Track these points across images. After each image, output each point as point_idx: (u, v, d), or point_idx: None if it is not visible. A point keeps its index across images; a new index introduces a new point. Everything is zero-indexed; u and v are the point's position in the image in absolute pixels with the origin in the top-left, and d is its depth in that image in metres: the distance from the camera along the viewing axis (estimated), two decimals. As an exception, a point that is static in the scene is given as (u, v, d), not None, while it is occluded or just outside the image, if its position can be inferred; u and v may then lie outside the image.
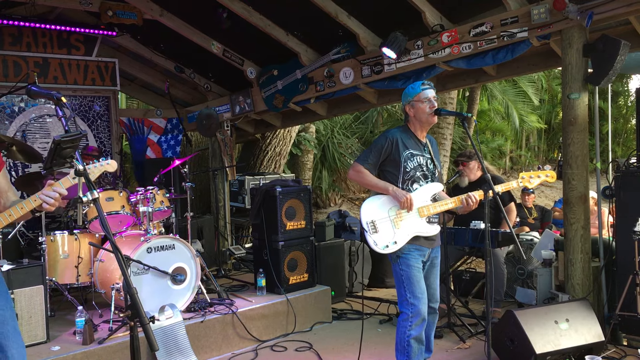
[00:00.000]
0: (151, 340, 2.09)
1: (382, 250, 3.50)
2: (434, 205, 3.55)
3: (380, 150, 3.58)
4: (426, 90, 3.58)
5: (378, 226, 3.51)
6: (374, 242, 3.49)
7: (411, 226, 3.52)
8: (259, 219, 5.43)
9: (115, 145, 7.55)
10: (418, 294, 3.50)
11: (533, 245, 5.60)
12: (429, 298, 3.64)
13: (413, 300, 3.49)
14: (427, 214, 3.54)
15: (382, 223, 3.52)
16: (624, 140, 19.53)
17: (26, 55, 6.79)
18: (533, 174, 3.66)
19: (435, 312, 3.72)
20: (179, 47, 7.05)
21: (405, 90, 3.67)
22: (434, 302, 3.69)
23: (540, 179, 3.64)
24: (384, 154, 3.58)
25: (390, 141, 3.57)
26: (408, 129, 3.67)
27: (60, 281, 4.81)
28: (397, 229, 3.51)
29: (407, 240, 3.51)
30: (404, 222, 3.52)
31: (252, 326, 4.80)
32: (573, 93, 4.28)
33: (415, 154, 3.60)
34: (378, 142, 3.64)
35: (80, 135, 2.26)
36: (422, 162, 3.62)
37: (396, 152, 3.56)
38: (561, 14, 4.20)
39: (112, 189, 5.09)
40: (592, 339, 3.91)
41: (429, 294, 3.64)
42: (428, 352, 3.76)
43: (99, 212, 2.29)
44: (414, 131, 3.66)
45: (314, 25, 5.85)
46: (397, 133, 3.63)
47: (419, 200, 3.54)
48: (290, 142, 9.62)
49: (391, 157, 3.57)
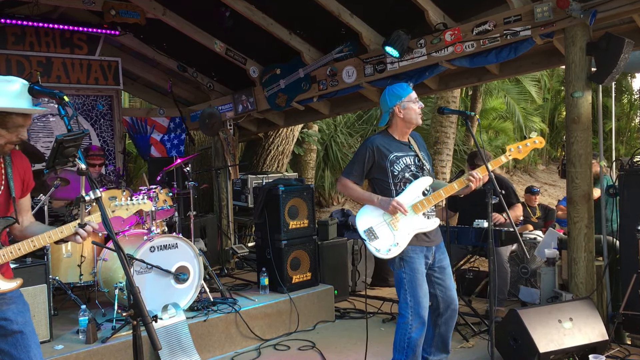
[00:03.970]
0: (154, 339, 2.09)
1: (385, 256, 3.45)
2: (427, 199, 3.50)
3: (363, 160, 3.56)
4: (413, 91, 3.57)
5: (376, 232, 3.48)
6: (375, 249, 3.46)
7: (409, 225, 3.49)
8: (262, 218, 5.43)
9: (118, 145, 7.56)
10: (420, 298, 3.47)
11: (536, 244, 5.59)
12: (447, 300, 3.61)
13: (414, 304, 3.47)
14: (422, 209, 3.50)
15: (380, 228, 3.49)
16: (627, 139, 19.48)
17: (29, 55, 6.81)
18: (520, 143, 3.56)
19: (455, 313, 3.67)
20: (181, 46, 7.05)
21: (392, 91, 3.58)
22: (453, 303, 3.63)
23: (529, 147, 3.55)
24: (368, 162, 3.55)
25: (371, 149, 3.54)
26: (388, 133, 3.63)
27: (64, 280, 4.81)
28: (396, 231, 3.47)
29: (408, 240, 3.47)
30: (401, 222, 3.48)
31: (255, 325, 4.80)
32: (576, 91, 4.27)
33: (400, 155, 3.56)
34: (359, 153, 3.62)
35: (83, 134, 2.27)
36: (409, 161, 3.58)
37: (380, 158, 3.52)
38: (564, 12, 4.18)
39: (115, 188, 5.10)
40: (595, 338, 3.90)
41: (447, 295, 3.61)
42: (445, 352, 3.75)
43: (102, 211, 2.29)
44: (395, 134, 3.60)
45: (317, 24, 5.85)
46: (377, 139, 3.59)
47: (410, 199, 3.50)
48: (293, 141, 9.62)
49: (376, 164, 3.54)
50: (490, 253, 3.55)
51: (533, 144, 3.56)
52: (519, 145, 3.55)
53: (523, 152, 3.55)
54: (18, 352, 2.49)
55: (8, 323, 2.50)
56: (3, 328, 2.50)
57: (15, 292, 2.58)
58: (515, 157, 3.56)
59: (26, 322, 2.55)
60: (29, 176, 2.68)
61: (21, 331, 2.52)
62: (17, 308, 2.55)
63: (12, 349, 2.49)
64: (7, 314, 2.51)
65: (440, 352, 3.75)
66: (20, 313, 2.55)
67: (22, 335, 2.51)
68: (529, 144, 3.55)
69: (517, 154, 3.55)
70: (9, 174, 2.56)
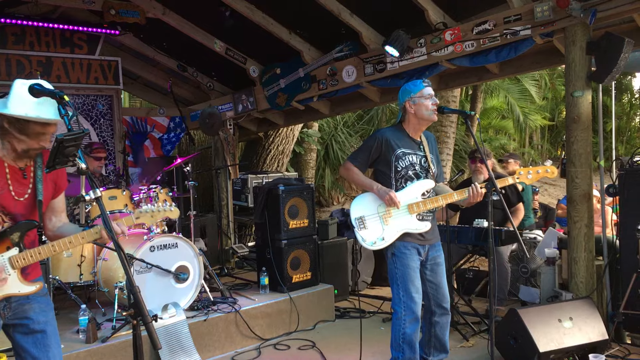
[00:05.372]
0: (154, 338, 2.09)
1: (370, 247, 3.53)
2: (424, 201, 3.52)
3: (370, 149, 3.60)
4: (427, 87, 3.59)
5: (367, 222, 3.54)
6: (362, 238, 3.53)
7: (400, 223, 3.52)
8: (262, 218, 5.43)
9: (118, 144, 7.56)
10: (412, 293, 3.49)
11: (537, 244, 5.58)
12: (439, 298, 3.63)
13: (406, 299, 3.49)
14: (417, 211, 3.52)
15: (371, 219, 3.54)
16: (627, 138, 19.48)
17: (29, 54, 6.80)
18: (532, 169, 3.49)
19: (447, 312, 3.69)
20: (181, 46, 7.05)
21: (404, 87, 3.65)
22: (445, 302, 3.66)
23: (539, 174, 3.49)
24: (374, 153, 3.59)
25: (379, 141, 3.58)
26: (401, 127, 3.66)
27: (64, 280, 4.81)
28: (386, 226, 3.52)
29: (395, 237, 3.51)
30: (392, 219, 3.52)
31: (255, 324, 4.80)
32: (576, 91, 4.27)
33: (407, 152, 3.58)
34: (367, 142, 3.68)
35: (83, 133, 2.27)
36: (415, 160, 3.60)
37: (386, 151, 3.56)
38: (564, 12, 4.19)
39: (115, 188, 5.10)
40: (595, 338, 3.90)
41: (438, 294, 3.63)
42: (444, 352, 3.76)
43: (102, 211, 2.29)
44: (408, 130, 3.63)
45: (317, 24, 5.84)
46: (388, 132, 3.63)
47: (408, 198, 3.53)
48: (293, 141, 9.61)
49: (382, 156, 3.58)
50: (490, 252, 3.55)
51: (545, 172, 3.49)
52: (529, 171, 3.48)
53: (532, 178, 3.48)
54: (38, 351, 2.52)
55: (30, 322, 2.54)
56: (26, 327, 2.54)
57: (39, 293, 2.59)
58: (522, 181, 3.50)
59: (48, 321, 2.58)
60: (62, 177, 2.69)
61: (43, 330, 2.55)
62: (39, 307, 2.57)
63: (32, 348, 2.52)
64: (29, 313, 2.54)
65: (439, 352, 3.75)
66: (43, 312, 2.58)
67: (44, 335, 2.55)
68: (540, 171, 3.48)
69: (526, 179, 3.49)
70: (38, 177, 2.57)
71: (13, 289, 2.49)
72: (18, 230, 2.49)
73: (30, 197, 2.56)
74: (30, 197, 2.56)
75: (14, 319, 2.53)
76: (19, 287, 2.50)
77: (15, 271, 2.48)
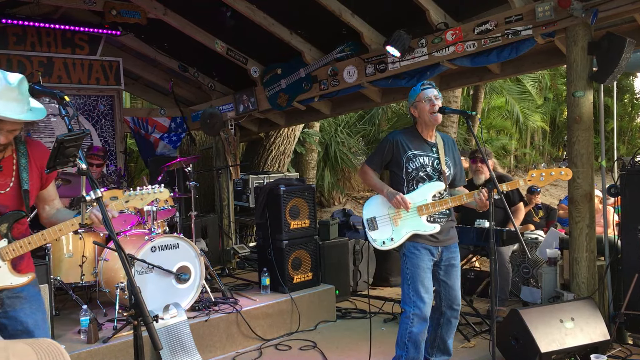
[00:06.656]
0: (155, 339, 2.09)
1: (380, 247, 3.62)
2: (432, 203, 3.55)
3: (382, 151, 3.67)
4: (426, 90, 3.60)
5: (378, 223, 3.62)
6: (372, 238, 3.63)
7: (409, 224, 3.56)
8: (263, 218, 5.43)
9: (119, 145, 7.57)
10: (421, 293, 3.50)
11: (538, 244, 5.57)
12: (450, 299, 3.65)
13: (415, 298, 3.50)
14: (427, 213, 3.55)
15: (382, 220, 3.62)
16: (629, 139, 19.46)
17: (30, 55, 6.81)
18: (544, 171, 3.33)
19: (456, 314, 3.69)
20: (182, 46, 7.05)
21: (410, 92, 3.72)
22: (456, 304, 3.67)
23: (553, 177, 3.35)
24: (387, 155, 3.66)
25: (391, 143, 3.64)
26: (415, 129, 3.70)
27: (65, 280, 4.82)
28: (396, 227, 3.58)
29: (404, 238, 3.55)
30: (402, 220, 3.57)
31: (256, 325, 4.80)
32: (578, 91, 4.26)
33: (419, 154, 3.60)
34: (380, 145, 3.75)
35: (84, 134, 2.26)
36: (427, 162, 3.61)
37: (398, 153, 3.61)
38: (566, 12, 4.18)
39: (116, 188, 5.08)
40: (597, 338, 3.90)
41: (450, 295, 3.64)
42: (447, 354, 3.77)
43: (103, 212, 2.29)
44: (421, 131, 3.67)
45: (318, 24, 5.84)
46: (400, 134, 3.67)
47: (418, 199, 3.56)
48: (294, 141, 9.61)
49: (394, 158, 3.64)
50: (492, 253, 3.55)
51: (559, 175, 3.35)
52: (542, 173, 3.34)
53: (545, 181, 3.35)
54: None
55: (15, 323, 2.47)
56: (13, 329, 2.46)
57: (31, 291, 2.55)
58: (534, 184, 3.42)
59: (37, 324, 2.53)
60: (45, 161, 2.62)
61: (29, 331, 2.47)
62: (29, 307, 2.52)
63: None
64: (19, 313, 2.49)
65: (442, 354, 3.75)
66: (32, 314, 2.52)
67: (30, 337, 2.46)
68: (554, 174, 3.34)
69: (538, 181, 3.37)
70: (22, 165, 2.51)
71: (4, 282, 2.45)
72: (5, 222, 2.45)
73: (14, 189, 2.51)
74: (13, 188, 2.51)
75: (3, 317, 2.48)
76: (11, 279, 2.47)
77: (5, 263, 2.45)
